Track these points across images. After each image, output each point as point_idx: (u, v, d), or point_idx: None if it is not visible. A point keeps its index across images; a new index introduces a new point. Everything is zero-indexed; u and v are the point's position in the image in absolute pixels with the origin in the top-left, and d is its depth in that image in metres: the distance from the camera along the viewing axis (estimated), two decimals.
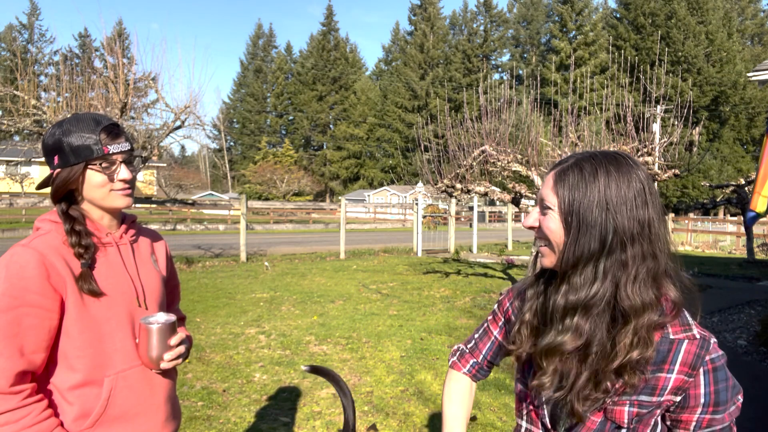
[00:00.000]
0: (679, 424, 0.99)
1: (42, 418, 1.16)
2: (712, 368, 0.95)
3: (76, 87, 10.08)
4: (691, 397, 0.95)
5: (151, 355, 1.29)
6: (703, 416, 0.96)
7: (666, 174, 7.51)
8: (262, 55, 78.63)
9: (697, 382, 0.95)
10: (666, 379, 0.95)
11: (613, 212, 0.91)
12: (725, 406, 0.96)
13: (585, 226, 0.92)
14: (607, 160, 0.95)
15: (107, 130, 1.28)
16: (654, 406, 0.97)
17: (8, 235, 9.26)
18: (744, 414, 3.70)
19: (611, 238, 0.91)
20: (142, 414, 1.32)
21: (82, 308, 1.23)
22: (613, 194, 0.91)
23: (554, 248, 0.97)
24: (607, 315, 0.93)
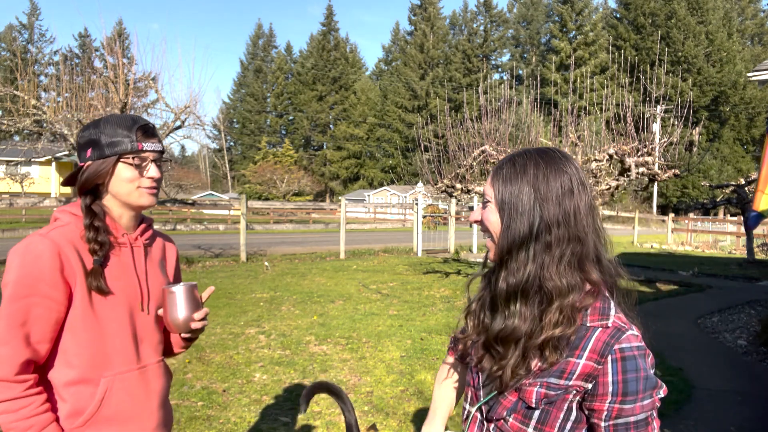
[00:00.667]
0: (593, 413, 1.00)
1: (40, 411, 1.17)
2: (621, 357, 0.96)
3: (76, 87, 10.09)
4: (600, 384, 0.97)
5: (178, 317, 1.30)
6: (613, 405, 0.96)
7: (666, 174, 7.51)
8: (262, 55, 78.62)
9: (605, 370, 0.96)
10: (575, 364, 0.98)
11: (540, 200, 0.99)
12: (635, 397, 0.96)
13: (516, 214, 1.00)
14: (538, 154, 1.04)
15: (143, 129, 1.31)
16: (562, 390, 0.99)
17: (8, 235, 9.26)
18: (744, 414, 3.68)
19: (538, 224, 0.99)
20: (135, 418, 1.31)
21: (88, 305, 1.24)
22: (541, 184, 1.00)
23: (495, 240, 1.05)
24: (539, 296, 1.00)
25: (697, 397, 4.13)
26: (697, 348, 5.59)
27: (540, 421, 1.01)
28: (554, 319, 0.97)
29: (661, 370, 4.74)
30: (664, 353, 5.26)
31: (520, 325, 1.00)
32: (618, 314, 1.02)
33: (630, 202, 40.54)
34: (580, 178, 1.02)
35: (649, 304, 8.00)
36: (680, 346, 5.61)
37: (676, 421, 3.66)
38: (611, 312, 1.01)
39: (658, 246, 20.02)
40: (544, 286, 0.99)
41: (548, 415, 1.01)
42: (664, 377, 4.53)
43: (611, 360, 0.96)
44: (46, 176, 35.61)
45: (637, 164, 7.36)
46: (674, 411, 3.83)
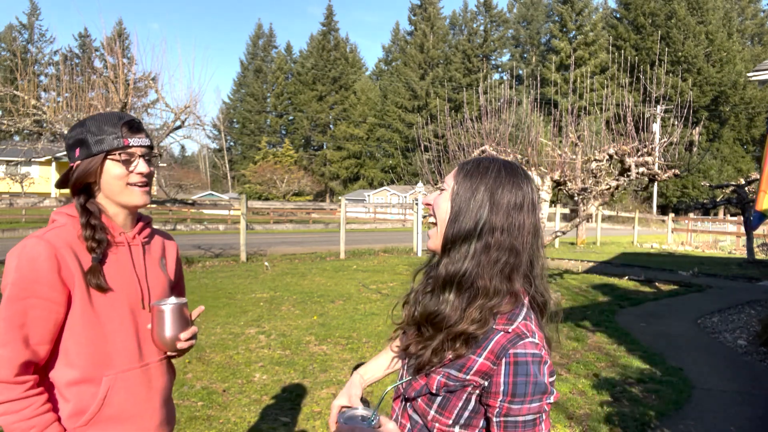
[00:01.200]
0: (488, 408, 1.06)
1: (41, 412, 1.17)
2: (514, 361, 1.02)
3: (76, 87, 10.08)
4: (493, 383, 1.03)
5: (166, 336, 1.30)
6: (503, 404, 1.03)
7: (666, 174, 7.51)
8: (262, 55, 78.62)
9: (499, 371, 1.03)
10: (474, 361, 1.05)
11: (491, 204, 1.06)
12: (522, 399, 1.02)
13: (466, 208, 1.07)
14: (504, 164, 1.11)
15: (128, 125, 1.31)
16: (460, 382, 1.06)
17: (8, 235, 9.25)
18: (744, 414, 3.68)
19: (483, 224, 1.06)
20: (137, 416, 1.31)
21: (88, 305, 1.24)
22: (496, 190, 1.07)
23: (440, 229, 1.12)
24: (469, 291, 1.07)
25: (697, 397, 4.13)
26: (697, 348, 5.59)
27: (440, 406, 1.08)
28: (473, 316, 1.05)
29: (661, 370, 4.75)
30: (664, 353, 5.26)
31: (450, 313, 1.07)
32: (525, 322, 1.06)
33: (630, 202, 40.55)
34: (532, 199, 1.09)
35: (649, 304, 8.00)
36: (680, 346, 5.61)
37: (676, 421, 3.66)
38: (518, 319, 1.06)
39: (658, 246, 20.02)
40: (475, 284, 1.06)
41: (448, 402, 1.08)
42: (664, 377, 4.54)
43: (505, 363, 1.02)
44: (46, 176, 35.63)
45: (637, 164, 7.36)
46: (674, 411, 3.83)
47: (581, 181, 7.92)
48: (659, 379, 4.50)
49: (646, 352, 5.30)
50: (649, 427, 3.55)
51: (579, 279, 10.33)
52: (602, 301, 8.07)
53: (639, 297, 8.46)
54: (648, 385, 4.35)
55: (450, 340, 1.06)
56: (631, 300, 8.14)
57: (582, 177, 7.94)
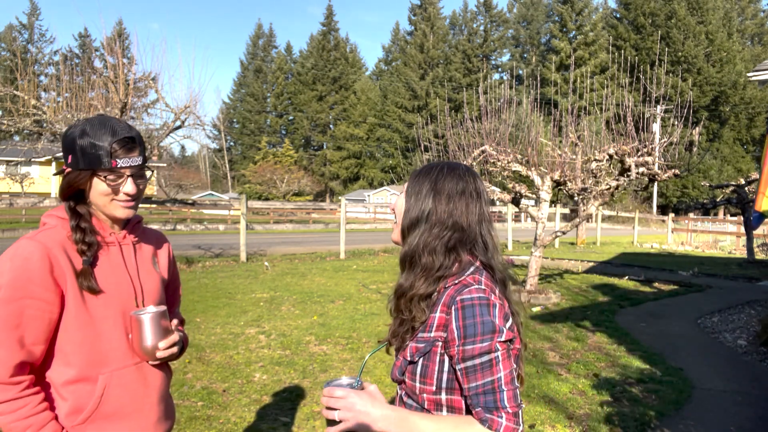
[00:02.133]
0: (451, 360, 1.15)
1: (38, 411, 1.17)
2: (461, 306, 1.13)
3: (76, 87, 10.08)
4: (450, 331, 1.14)
5: (145, 346, 1.29)
6: (459, 348, 1.12)
7: (666, 174, 7.50)
8: (262, 55, 78.61)
9: (451, 318, 1.14)
10: (433, 318, 1.17)
11: (434, 194, 1.23)
12: (473, 339, 1.11)
13: (415, 201, 1.25)
14: (447, 164, 1.29)
15: (121, 143, 1.27)
16: (428, 342, 1.17)
17: (8, 235, 9.25)
18: (744, 414, 3.67)
19: (428, 211, 1.23)
20: (135, 412, 1.32)
21: (81, 305, 1.24)
22: (438, 182, 1.24)
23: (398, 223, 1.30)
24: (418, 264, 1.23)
25: (697, 397, 4.13)
26: (697, 348, 5.59)
27: (421, 374, 1.17)
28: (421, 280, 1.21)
29: (661, 370, 4.75)
30: (664, 353, 5.26)
31: (405, 283, 1.23)
32: (474, 276, 1.18)
33: (630, 202, 40.55)
34: (476, 188, 1.25)
35: (649, 304, 8.00)
36: (680, 346, 5.61)
37: (676, 421, 3.66)
38: (465, 274, 1.19)
39: (658, 246, 20.01)
40: (422, 257, 1.22)
41: (426, 368, 1.17)
42: (664, 377, 4.54)
43: (454, 309, 1.14)
44: (46, 176, 35.62)
45: (637, 164, 7.36)
46: (674, 411, 3.83)
47: (581, 181, 7.92)
48: (659, 379, 4.50)
49: (646, 352, 5.30)
50: (649, 427, 3.55)
51: (579, 279, 10.33)
52: (602, 301, 8.06)
53: (639, 297, 8.45)
54: (648, 385, 4.35)
55: (408, 307, 1.21)
56: (631, 300, 8.13)
57: (582, 177, 7.93)
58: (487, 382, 1.10)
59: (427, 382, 1.16)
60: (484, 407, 1.10)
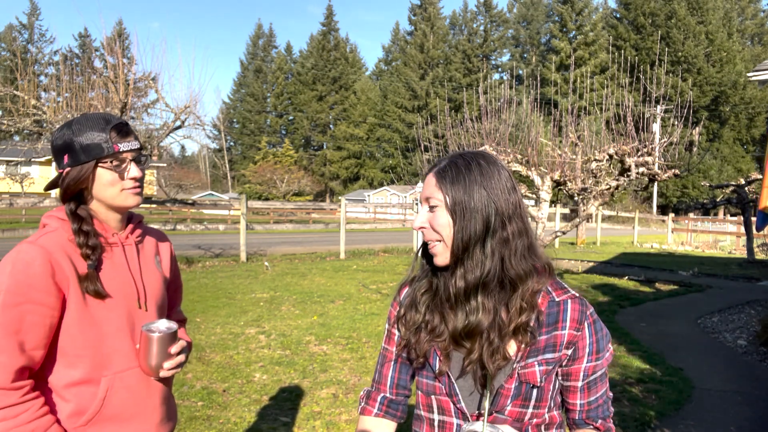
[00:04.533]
0: (569, 376, 1.09)
1: (39, 415, 1.17)
2: (593, 321, 1.08)
3: (76, 87, 10.08)
4: (579, 348, 1.07)
5: (150, 363, 1.29)
6: (588, 364, 1.08)
7: (666, 174, 7.51)
8: (262, 55, 78.61)
9: (583, 334, 1.07)
10: (562, 336, 1.07)
11: (491, 197, 1.04)
12: (603, 353, 1.09)
13: (470, 212, 1.03)
14: (476, 155, 1.09)
15: (117, 129, 1.28)
16: (556, 362, 1.08)
17: (8, 235, 9.25)
18: (744, 414, 3.67)
19: (493, 219, 1.04)
20: (137, 415, 1.32)
21: (84, 308, 1.23)
22: (488, 182, 1.05)
23: (447, 243, 1.06)
24: (499, 287, 1.06)
25: (697, 397, 4.13)
26: (697, 348, 5.59)
27: (538, 398, 1.08)
28: (518, 306, 1.04)
29: (661, 370, 4.75)
30: (664, 353, 5.26)
31: (483, 318, 1.05)
32: (562, 282, 1.12)
33: (630, 202, 40.55)
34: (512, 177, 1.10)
35: (649, 304, 8.00)
36: (680, 346, 5.61)
37: (676, 421, 3.66)
38: (564, 284, 1.11)
39: (658, 246, 20.01)
40: (506, 277, 1.04)
41: (543, 391, 1.08)
42: (664, 377, 4.54)
43: (587, 324, 1.08)
44: (46, 176, 35.61)
45: (637, 164, 7.36)
46: (674, 411, 3.83)
47: (581, 181, 7.92)
48: (659, 379, 4.50)
49: (646, 352, 5.30)
50: (649, 427, 3.55)
51: (579, 279, 10.33)
52: (602, 301, 8.06)
53: (639, 297, 8.45)
54: (648, 385, 4.35)
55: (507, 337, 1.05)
56: (631, 300, 8.14)
57: (582, 177, 7.93)
58: (604, 392, 1.11)
59: (541, 405, 1.09)
60: (603, 417, 1.11)
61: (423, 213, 1.10)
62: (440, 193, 1.06)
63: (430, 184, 1.08)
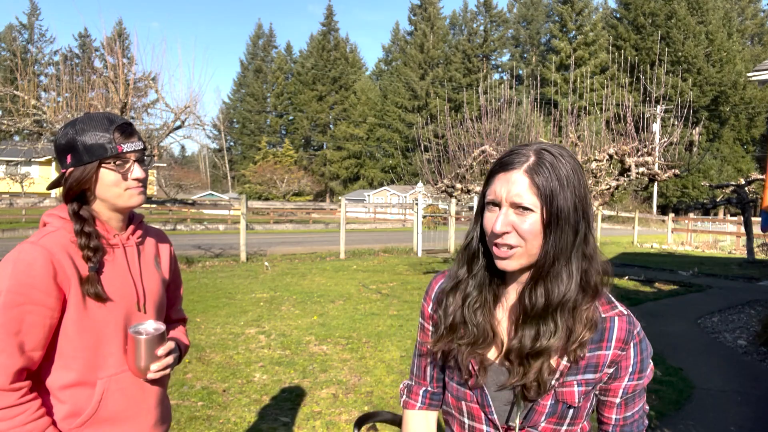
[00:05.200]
0: (608, 392, 1.05)
1: (36, 416, 1.17)
2: (639, 340, 1.03)
3: (76, 87, 10.08)
4: (622, 368, 1.03)
5: (138, 365, 1.28)
6: (630, 383, 1.04)
7: (666, 174, 7.51)
8: (262, 55, 78.60)
9: (628, 354, 1.02)
10: (605, 356, 1.01)
11: (580, 202, 0.95)
12: (645, 372, 1.05)
13: (564, 223, 0.94)
14: (561, 151, 0.97)
15: (121, 129, 1.27)
16: (596, 382, 1.03)
17: (8, 235, 9.26)
18: (744, 414, 3.67)
19: (583, 230, 0.96)
20: (132, 417, 1.32)
21: (83, 310, 1.23)
22: (578, 186, 0.95)
23: (528, 252, 0.96)
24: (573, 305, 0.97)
25: (697, 397, 4.13)
26: (697, 348, 5.59)
27: (573, 416, 1.04)
28: (585, 321, 0.98)
29: (661, 370, 4.75)
30: (664, 353, 5.26)
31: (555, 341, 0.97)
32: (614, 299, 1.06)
33: (630, 202, 40.55)
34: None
35: (649, 304, 8.00)
36: (680, 346, 5.61)
37: (676, 421, 3.66)
38: (613, 299, 1.05)
39: (658, 246, 20.01)
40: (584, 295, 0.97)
41: (579, 409, 1.04)
42: (664, 377, 4.53)
43: (633, 344, 1.02)
44: (46, 176, 35.61)
45: (637, 164, 7.36)
46: (674, 411, 3.83)
47: None
48: (659, 379, 4.50)
49: None
50: (649, 427, 3.55)
51: None
52: None
53: (639, 297, 8.45)
54: (648, 384, 4.35)
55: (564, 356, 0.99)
56: (631, 300, 8.13)
57: None
58: (641, 407, 1.09)
59: (576, 422, 1.05)
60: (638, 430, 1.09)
61: (507, 214, 0.96)
62: (535, 197, 0.94)
63: (521, 184, 0.95)
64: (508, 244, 0.96)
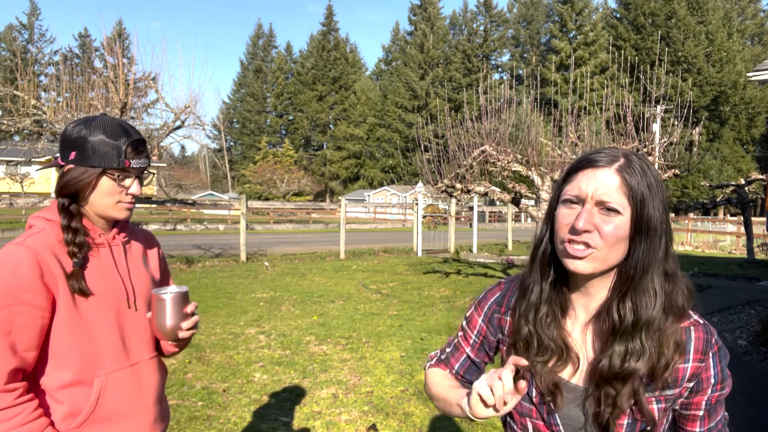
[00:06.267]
0: (690, 406, 0.99)
1: (33, 417, 1.16)
2: (718, 348, 0.97)
3: (76, 87, 10.09)
4: (703, 380, 0.97)
5: (166, 326, 1.28)
6: (713, 394, 0.98)
7: (666, 174, 7.51)
8: (262, 55, 78.60)
9: (708, 365, 0.96)
10: (684, 369, 0.95)
11: (666, 213, 0.91)
12: (727, 381, 0.99)
13: (653, 231, 0.89)
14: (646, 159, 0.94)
15: (134, 145, 1.29)
16: (676, 397, 0.98)
17: (8, 235, 9.26)
18: (744, 414, 3.67)
19: (666, 241, 0.91)
20: (131, 415, 1.32)
21: (73, 308, 1.23)
22: (663, 195, 0.91)
23: (607, 255, 0.91)
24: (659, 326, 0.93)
25: None
26: None
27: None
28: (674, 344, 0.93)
29: None
30: None
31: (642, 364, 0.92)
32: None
33: None
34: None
35: None
36: None
37: None
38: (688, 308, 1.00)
39: None
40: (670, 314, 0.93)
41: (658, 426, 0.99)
42: None
43: (712, 354, 0.96)
44: (46, 176, 35.59)
45: None
46: None
47: None
48: None
49: None
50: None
51: None
52: None
53: None
54: None
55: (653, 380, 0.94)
56: None
57: None
58: (722, 416, 1.03)
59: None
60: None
61: (590, 212, 0.91)
62: (625, 199, 0.89)
63: (611, 185, 0.90)
64: (585, 242, 0.91)
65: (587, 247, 0.91)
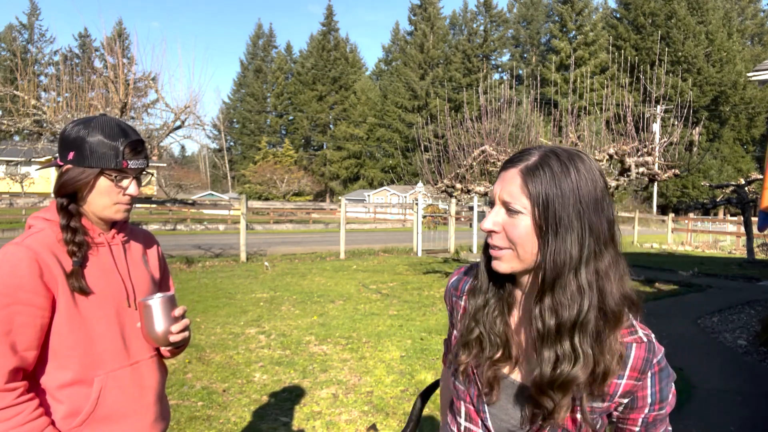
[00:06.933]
0: (626, 421, 0.99)
1: (34, 417, 1.17)
2: (659, 370, 0.96)
3: (76, 87, 10.08)
4: (639, 398, 0.96)
5: (157, 331, 1.28)
6: (650, 413, 0.97)
7: (666, 174, 7.50)
8: (262, 55, 78.61)
9: (645, 384, 0.95)
10: (617, 385, 0.94)
11: (588, 213, 0.86)
12: (667, 401, 0.98)
13: (564, 230, 0.86)
14: (571, 156, 0.89)
15: (132, 145, 1.29)
16: (604, 411, 0.96)
17: (8, 235, 9.27)
18: (744, 414, 3.67)
19: (588, 242, 0.86)
20: (131, 414, 1.32)
21: (73, 307, 1.23)
22: (584, 193, 0.87)
23: (520, 254, 0.90)
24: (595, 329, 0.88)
25: (697, 397, 4.13)
26: (697, 348, 5.59)
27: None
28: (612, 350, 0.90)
29: None
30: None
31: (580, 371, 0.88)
32: (637, 322, 0.97)
33: (630, 202, 40.56)
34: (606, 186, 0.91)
35: (649, 304, 7.99)
36: (680, 346, 5.61)
37: (676, 421, 3.66)
38: (634, 322, 0.96)
39: (658, 246, 20.01)
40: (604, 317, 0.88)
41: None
42: None
43: (650, 374, 0.95)
44: (46, 176, 35.58)
45: (637, 164, 7.36)
46: (674, 411, 3.82)
47: None
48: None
49: None
50: None
51: None
52: None
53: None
54: None
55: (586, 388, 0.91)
56: None
57: None
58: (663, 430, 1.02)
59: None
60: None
61: (497, 213, 0.92)
62: (526, 199, 0.88)
63: (513, 184, 0.90)
64: (498, 245, 0.92)
65: (499, 248, 0.93)
